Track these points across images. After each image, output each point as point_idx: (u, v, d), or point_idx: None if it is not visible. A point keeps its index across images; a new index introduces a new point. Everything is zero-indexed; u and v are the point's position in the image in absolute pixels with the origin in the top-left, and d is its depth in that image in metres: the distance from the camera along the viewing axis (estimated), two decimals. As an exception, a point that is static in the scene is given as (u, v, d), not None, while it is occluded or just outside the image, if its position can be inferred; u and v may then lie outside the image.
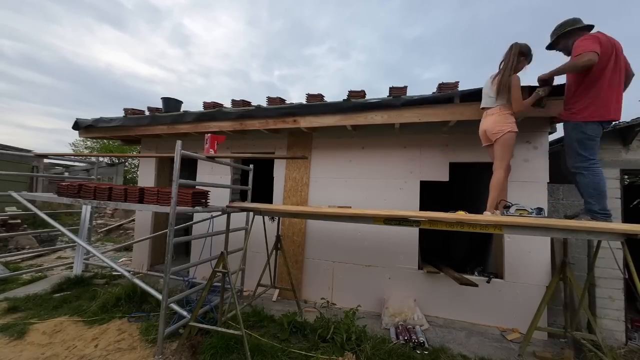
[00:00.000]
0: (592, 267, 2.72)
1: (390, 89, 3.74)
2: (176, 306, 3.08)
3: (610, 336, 3.25)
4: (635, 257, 2.22)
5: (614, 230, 2.18)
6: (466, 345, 3.07)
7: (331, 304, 4.00)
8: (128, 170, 15.99)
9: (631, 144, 3.40)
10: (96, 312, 3.35)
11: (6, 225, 6.70)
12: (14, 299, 3.63)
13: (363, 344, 2.78)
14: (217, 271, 2.80)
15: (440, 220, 2.45)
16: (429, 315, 3.64)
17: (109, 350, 2.71)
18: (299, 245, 4.27)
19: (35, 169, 9.84)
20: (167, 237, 2.67)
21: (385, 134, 4.05)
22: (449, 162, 3.82)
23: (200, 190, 3.39)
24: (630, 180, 4.93)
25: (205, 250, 3.61)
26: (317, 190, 4.32)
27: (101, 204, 3.42)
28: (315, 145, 4.41)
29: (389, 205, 3.90)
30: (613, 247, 2.82)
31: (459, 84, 3.55)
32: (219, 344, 2.69)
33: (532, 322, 2.51)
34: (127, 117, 4.91)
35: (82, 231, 4.67)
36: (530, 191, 3.49)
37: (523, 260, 3.47)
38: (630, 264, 2.18)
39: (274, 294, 4.19)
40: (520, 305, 3.39)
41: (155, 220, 5.30)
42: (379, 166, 4.09)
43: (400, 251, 3.89)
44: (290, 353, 2.71)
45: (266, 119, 4.08)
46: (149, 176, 5.40)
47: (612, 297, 3.31)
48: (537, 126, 3.50)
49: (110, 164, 14.76)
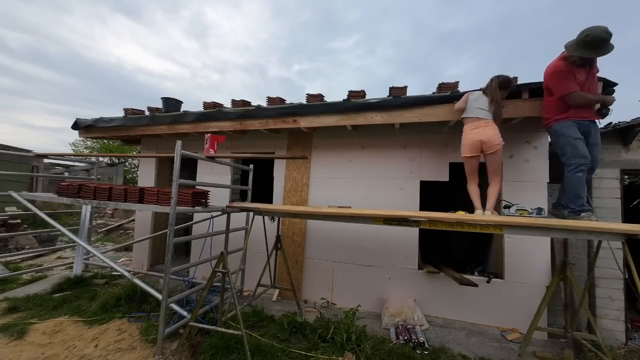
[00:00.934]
0: (592, 267, 2.72)
1: (390, 89, 3.74)
2: (176, 306, 3.08)
3: (610, 336, 3.25)
4: (635, 257, 2.22)
5: (614, 230, 2.18)
6: (466, 345, 3.07)
7: (331, 304, 4.00)
8: (128, 170, 15.99)
9: (631, 144, 3.40)
10: (96, 312, 3.35)
11: (6, 225, 6.71)
12: (14, 299, 3.63)
13: (363, 344, 2.78)
14: (217, 271, 2.80)
15: (440, 221, 2.45)
16: (429, 315, 3.64)
17: (109, 350, 2.71)
18: (299, 245, 4.27)
19: (35, 169, 9.84)
20: (167, 237, 2.67)
21: (385, 134, 4.05)
22: (449, 162, 3.82)
23: (200, 190, 3.39)
24: (630, 180, 4.93)
25: (205, 250, 3.61)
26: (317, 190, 4.32)
27: (101, 204, 3.42)
28: (315, 145, 4.41)
29: (389, 205, 3.90)
30: (613, 247, 2.82)
31: (459, 84, 3.56)
32: (219, 344, 2.69)
33: (532, 322, 2.51)
34: (127, 117, 4.91)
35: (82, 231, 4.67)
36: (530, 191, 3.49)
37: (523, 260, 3.47)
38: (631, 264, 2.18)
39: (274, 294, 4.19)
40: (520, 305, 3.39)
41: (155, 220, 5.30)
42: (379, 166, 4.08)
43: (400, 251, 3.89)
44: (290, 353, 2.71)
45: (266, 119, 4.08)
46: (149, 176, 5.40)
47: (612, 297, 3.31)
48: (537, 126, 3.49)
49: (110, 164, 14.76)
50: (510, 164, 3.58)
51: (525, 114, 3.12)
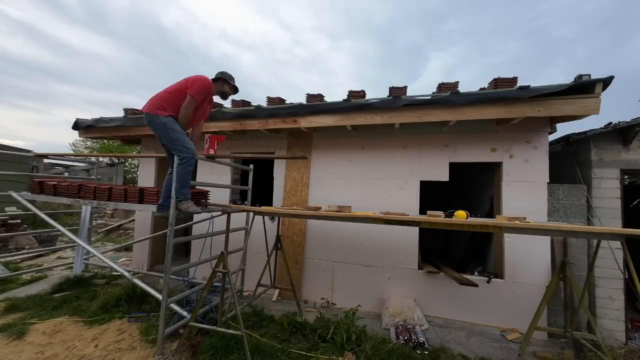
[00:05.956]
0: (592, 267, 2.72)
1: (390, 89, 3.74)
2: (176, 306, 3.08)
3: (610, 336, 3.25)
4: (635, 257, 2.22)
5: (613, 232, 2.18)
6: (466, 345, 3.07)
7: (331, 304, 4.00)
8: (128, 170, 15.97)
9: (631, 144, 3.40)
10: (96, 312, 3.35)
11: (6, 225, 6.71)
12: (14, 299, 3.63)
13: (363, 344, 2.78)
14: (217, 271, 2.80)
15: (440, 221, 2.45)
16: (429, 315, 3.64)
17: (108, 351, 2.71)
18: (299, 245, 4.27)
19: (35, 169, 9.83)
20: (167, 237, 2.67)
21: (385, 134, 4.05)
22: (449, 162, 3.81)
23: (200, 190, 3.39)
24: (630, 180, 4.93)
25: (205, 250, 3.61)
26: (317, 190, 4.32)
27: (101, 204, 3.43)
28: (315, 145, 4.41)
29: (389, 205, 3.89)
30: (613, 247, 2.82)
31: (458, 84, 3.56)
32: (219, 344, 2.69)
33: (532, 322, 2.51)
34: (127, 117, 4.91)
35: (82, 231, 4.67)
36: (530, 191, 3.49)
37: (523, 260, 3.47)
38: (630, 264, 2.18)
39: (274, 294, 4.19)
40: (520, 305, 3.39)
41: (155, 220, 5.30)
42: (379, 166, 4.08)
43: (400, 251, 3.89)
44: (290, 353, 2.71)
45: (266, 119, 4.08)
46: (149, 176, 5.40)
47: (612, 297, 3.31)
48: (537, 126, 3.50)
49: (110, 164, 14.75)
50: (511, 164, 3.59)
51: (525, 114, 3.12)
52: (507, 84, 3.25)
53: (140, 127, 4.83)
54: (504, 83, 3.27)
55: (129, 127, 4.90)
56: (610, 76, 2.84)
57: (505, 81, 3.28)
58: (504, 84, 3.26)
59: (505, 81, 3.28)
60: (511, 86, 3.21)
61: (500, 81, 3.29)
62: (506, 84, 3.25)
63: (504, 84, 3.26)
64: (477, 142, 3.73)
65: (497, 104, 3.14)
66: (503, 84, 3.27)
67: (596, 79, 2.88)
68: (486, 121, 3.47)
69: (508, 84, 3.25)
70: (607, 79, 2.85)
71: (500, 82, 3.28)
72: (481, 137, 3.72)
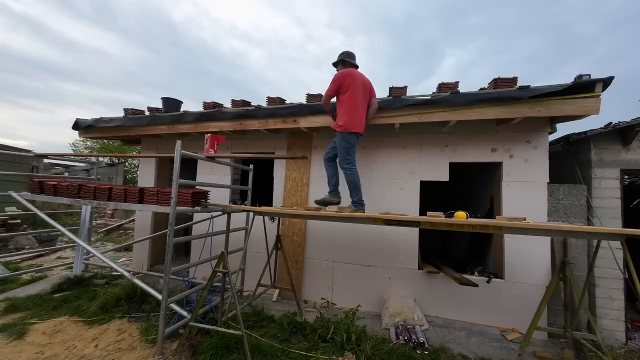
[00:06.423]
0: (592, 267, 2.72)
1: (390, 89, 3.74)
2: (176, 306, 3.08)
3: (610, 336, 3.25)
4: (635, 257, 2.22)
5: (613, 232, 2.18)
6: (466, 345, 3.07)
7: (331, 304, 4.00)
8: (128, 170, 15.97)
9: (631, 144, 3.40)
10: (96, 312, 3.35)
11: (6, 225, 6.71)
12: (14, 299, 3.63)
13: (363, 344, 2.78)
14: (217, 271, 2.80)
15: (440, 222, 2.45)
16: (429, 315, 3.64)
17: (109, 351, 2.71)
18: (299, 245, 4.27)
19: (35, 169, 9.83)
20: (167, 237, 2.67)
21: (385, 134, 4.05)
22: (449, 162, 3.81)
23: (200, 190, 3.39)
24: (630, 180, 4.93)
25: (205, 250, 3.61)
26: (317, 190, 4.31)
27: (101, 204, 3.43)
28: (315, 145, 4.41)
29: (389, 205, 3.89)
30: (613, 247, 2.82)
31: (458, 84, 3.55)
32: (219, 344, 2.69)
33: (532, 322, 2.51)
34: (127, 117, 4.91)
35: (82, 231, 4.67)
36: (530, 191, 3.49)
37: (523, 260, 3.47)
38: (630, 264, 2.18)
39: (274, 294, 4.19)
40: (520, 305, 3.39)
41: (155, 220, 5.30)
42: (379, 166, 4.08)
43: (400, 251, 3.89)
44: (290, 353, 2.71)
45: (266, 119, 4.08)
46: (149, 176, 5.40)
47: (612, 297, 3.31)
48: (537, 126, 3.50)
49: (110, 164, 14.74)
50: (510, 164, 3.59)
51: (525, 114, 3.12)
52: (507, 84, 3.25)
53: (140, 127, 4.83)
54: (504, 83, 3.26)
55: (128, 127, 4.90)
56: (610, 76, 2.83)
57: (505, 81, 3.27)
58: (504, 84, 3.26)
59: (505, 81, 3.27)
60: (511, 86, 3.21)
61: (500, 81, 3.28)
62: (506, 84, 3.25)
63: (504, 84, 3.26)
64: (477, 142, 3.73)
65: (497, 104, 3.14)
66: (503, 84, 3.26)
67: (596, 79, 2.88)
68: (486, 121, 3.47)
69: (508, 84, 3.25)
70: (607, 79, 2.85)
71: (500, 82, 3.28)
72: (481, 137, 3.72)
